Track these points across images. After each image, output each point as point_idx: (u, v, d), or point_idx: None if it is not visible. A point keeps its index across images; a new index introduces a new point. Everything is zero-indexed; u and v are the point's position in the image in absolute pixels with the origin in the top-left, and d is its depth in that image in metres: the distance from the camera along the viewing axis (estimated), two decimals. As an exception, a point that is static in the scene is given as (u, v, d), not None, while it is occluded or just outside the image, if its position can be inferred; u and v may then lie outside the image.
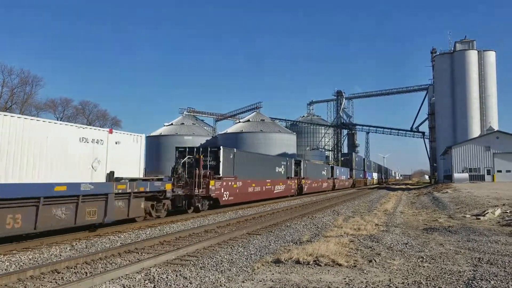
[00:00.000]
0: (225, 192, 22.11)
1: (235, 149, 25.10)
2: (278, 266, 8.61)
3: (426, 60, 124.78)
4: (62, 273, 8.09)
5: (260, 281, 7.47)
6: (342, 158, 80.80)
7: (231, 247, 10.88)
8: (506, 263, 8.80)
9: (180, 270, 8.15)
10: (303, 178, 38.82)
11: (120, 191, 13.74)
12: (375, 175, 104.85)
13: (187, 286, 7.15)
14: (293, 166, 36.41)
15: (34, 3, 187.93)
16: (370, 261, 8.86)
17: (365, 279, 7.54)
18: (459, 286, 7.10)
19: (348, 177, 67.15)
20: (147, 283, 7.26)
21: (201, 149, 21.93)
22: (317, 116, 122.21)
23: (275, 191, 30.54)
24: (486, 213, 17.79)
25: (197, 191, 19.49)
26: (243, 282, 7.44)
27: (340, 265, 8.50)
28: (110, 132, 14.16)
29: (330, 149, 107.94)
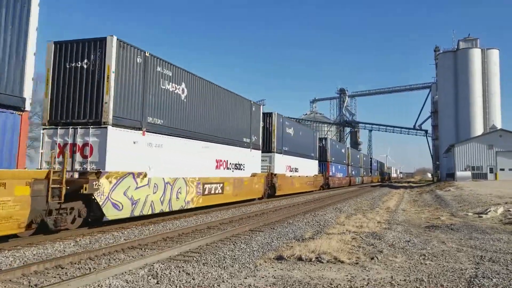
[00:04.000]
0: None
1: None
2: (281, 262, 8.65)
3: (430, 58, 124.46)
4: (66, 268, 8.15)
5: (263, 277, 7.51)
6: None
7: (233, 244, 10.93)
8: (508, 261, 8.82)
9: (183, 266, 8.20)
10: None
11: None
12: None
13: (189, 282, 7.20)
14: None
15: None
16: (372, 258, 8.90)
17: (367, 276, 7.57)
18: (461, 284, 7.13)
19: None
20: (150, 279, 7.31)
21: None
22: (320, 113, 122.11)
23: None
24: (489, 211, 17.79)
25: None
26: (246, 278, 7.48)
27: (342, 262, 8.53)
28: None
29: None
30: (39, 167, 13.04)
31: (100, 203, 12.49)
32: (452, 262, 8.83)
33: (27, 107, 10.42)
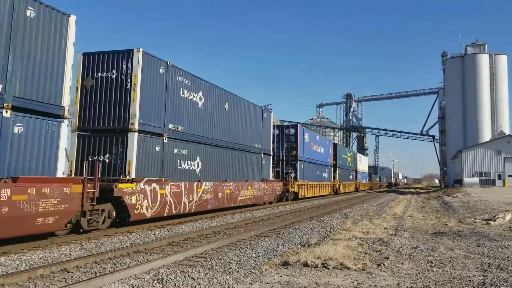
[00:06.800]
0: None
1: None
2: (286, 268, 8.61)
3: (437, 63, 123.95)
4: (72, 272, 8.17)
5: (268, 283, 7.47)
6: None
7: (239, 249, 10.90)
8: (517, 269, 8.70)
9: (188, 271, 8.19)
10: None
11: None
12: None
13: (195, 287, 7.18)
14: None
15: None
16: (379, 264, 8.83)
17: (374, 282, 7.51)
18: (468, 291, 7.04)
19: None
20: (155, 283, 7.31)
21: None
22: (327, 118, 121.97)
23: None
24: (497, 218, 17.61)
25: None
26: (251, 284, 7.45)
27: (348, 268, 8.47)
28: None
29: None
30: None
31: None
32: (460, 269, 8.74)
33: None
